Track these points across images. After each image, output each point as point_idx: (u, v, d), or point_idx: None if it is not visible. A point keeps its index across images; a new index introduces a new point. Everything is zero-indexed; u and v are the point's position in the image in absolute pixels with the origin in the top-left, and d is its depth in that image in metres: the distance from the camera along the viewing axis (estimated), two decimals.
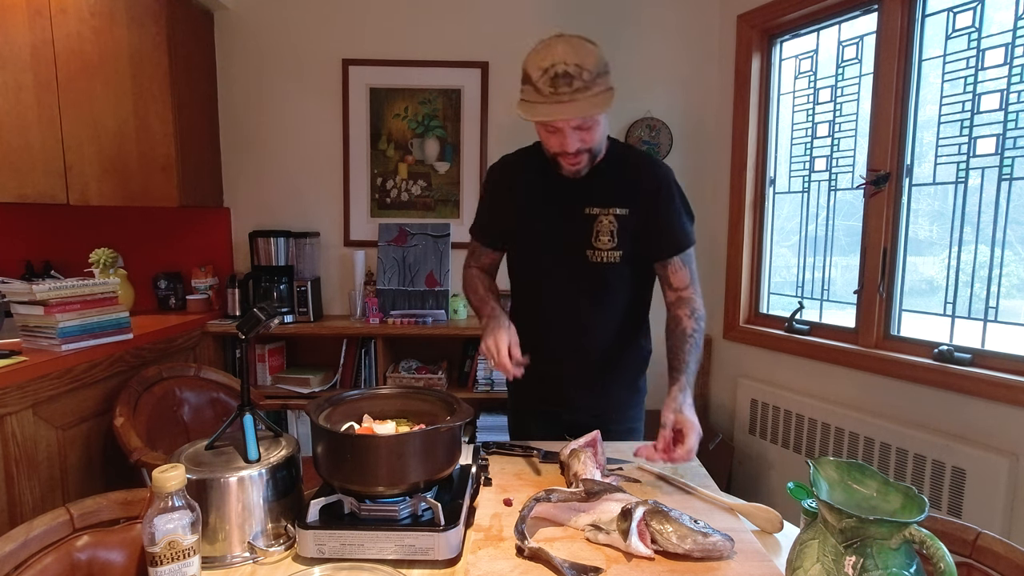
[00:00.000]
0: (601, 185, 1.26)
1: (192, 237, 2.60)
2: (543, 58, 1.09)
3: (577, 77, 1.08)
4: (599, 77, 1.11)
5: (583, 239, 1.26)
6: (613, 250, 1.26)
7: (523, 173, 1.33)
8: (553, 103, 1.09)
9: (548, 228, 1.28)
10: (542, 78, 1.09)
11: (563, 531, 0.91)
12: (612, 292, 1.31)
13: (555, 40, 1.11)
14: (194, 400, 1.89)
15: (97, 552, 0.82)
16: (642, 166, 1.30)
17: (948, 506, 1.73)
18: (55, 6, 2.08)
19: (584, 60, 1.09)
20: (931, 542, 0.59)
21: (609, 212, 1.25)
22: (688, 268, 1.30)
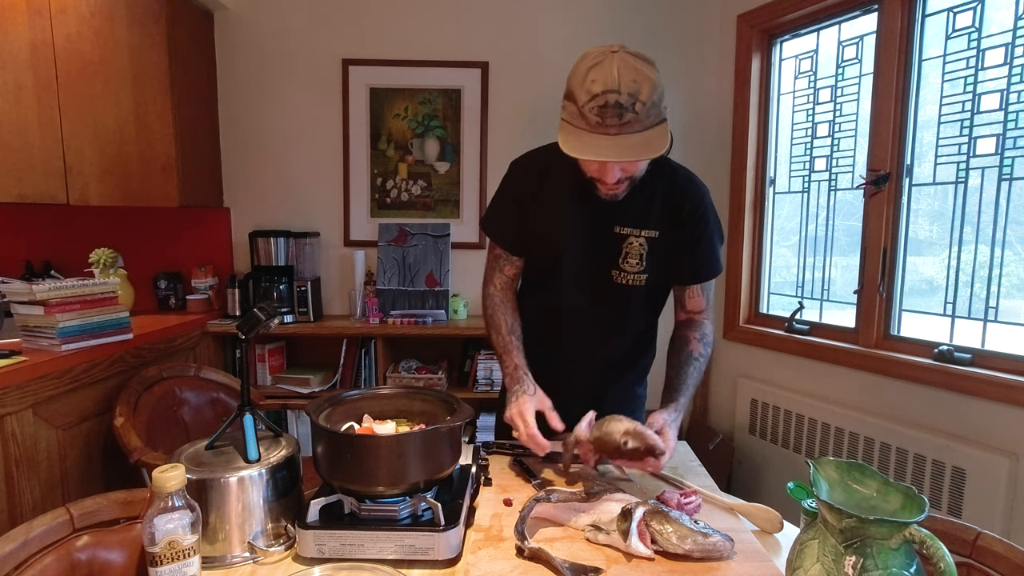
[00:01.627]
0: (636, 204, 1.16)
1: (192, 237, 2.60)
2: (594, 80, 0.95)
3: (629, 109, 0.95)
4: (653, 108, 0.97)
5: (610, 259, 1.19)
6: (640, 273, 1.19)
7: (552, 177, 1.21)
8: (599, 134, 0.97)
9: (574, 242, 1.20)
10: (589, 104, 0.95)
11: (563, 531, 0.91)
12: (631, 314, 1.25)
13: (610, 57, 0.96)
14: (194, 400, 1.89)
15: (97, 552, 0.82)
16: (680, 187, 1.20)
17: (948, 506, 1.73)
18: (55, 6, 2.08)
19: (639, 89, 0.95)
20: (931, 542, 0.59)
21: (641, 234, 1.17)
22: (706, 296, 1.25)
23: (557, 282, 1.24)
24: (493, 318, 1.26)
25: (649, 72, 0.98)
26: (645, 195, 1.16)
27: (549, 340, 1.28)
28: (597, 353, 1.30)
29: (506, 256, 1.29)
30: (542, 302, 1.29)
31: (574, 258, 1.21)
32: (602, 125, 0.96)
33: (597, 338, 1.28)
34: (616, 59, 0.96)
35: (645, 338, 1.36)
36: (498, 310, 1.26)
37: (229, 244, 2.63)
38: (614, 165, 1.04)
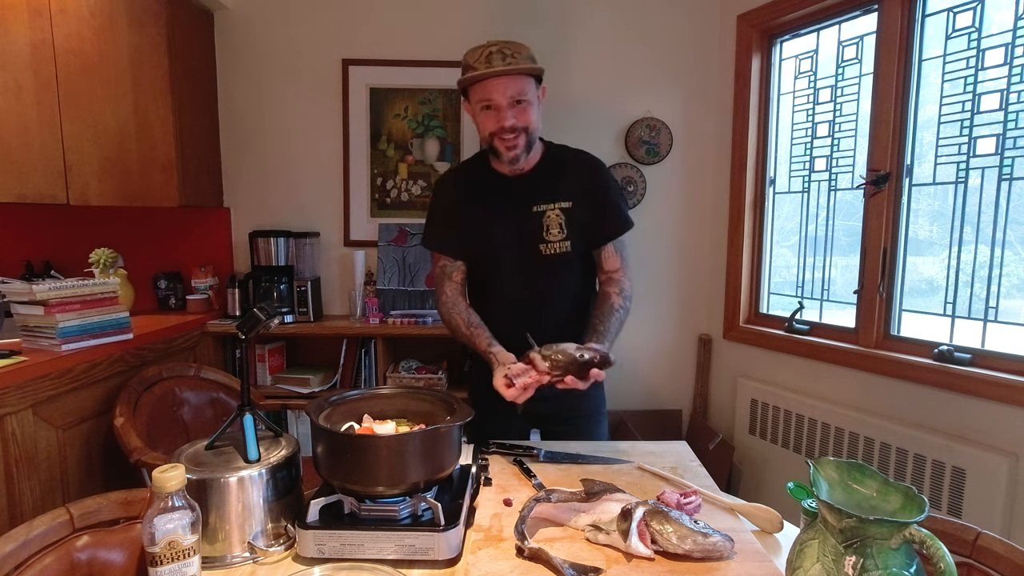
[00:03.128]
0: (543, 183, 1.37)
1: (192, 237, 2.60)
2: (480, 48, 1.26)
3: (508, 55, 1.23)
4: (527, 58, 1.25)
5: (535, 234, 1.36)
6: (563, 241, 1.36)
7: (471, 181, 1.43)
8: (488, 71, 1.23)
9: (504, 228, 1.37)
10: (480, 58, 1.24)
11: (563, 531, 0.91)
12: (565, 281, 1.40)
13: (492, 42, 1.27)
14: (194, 400, 1.89)
15: (97, 552, 0.82)
16: (578, 162, 1.41)
17: (948, 506, 1.73)
18: (55, 6, 2.08)
19: (516, 48, 1.25)
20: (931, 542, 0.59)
21: (555, 206, 1.36)
22: (620, 255, 1.40)
23: (496, 268, 1.40)
24: (451, 321, 1.41)
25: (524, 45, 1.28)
26: (550, 175, 1.38)
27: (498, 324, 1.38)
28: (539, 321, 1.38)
29: (451, 263, 1.44)
30: (486, 291, 1.45)
31: (506, 242, 1.37)
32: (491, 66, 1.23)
33: (539, 308, 1.40)
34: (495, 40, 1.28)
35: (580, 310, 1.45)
36: (452, 311, 1.41)
37: (229, 244, 2.63)
38: (508, 109, 1.25)
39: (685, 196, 2.67)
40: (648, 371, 2.74)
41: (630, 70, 2.59)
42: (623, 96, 2.60)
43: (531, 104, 1.28)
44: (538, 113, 1.32)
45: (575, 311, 1.44)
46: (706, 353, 2.69)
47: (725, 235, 2.57)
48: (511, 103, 1.25)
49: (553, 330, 1.37)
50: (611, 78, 2.59)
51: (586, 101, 2.60)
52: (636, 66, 2.59)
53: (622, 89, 2.60)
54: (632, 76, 2.59)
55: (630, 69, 2.59)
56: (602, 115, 2.60)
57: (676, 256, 2.70)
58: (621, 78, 2.59)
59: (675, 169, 2.64)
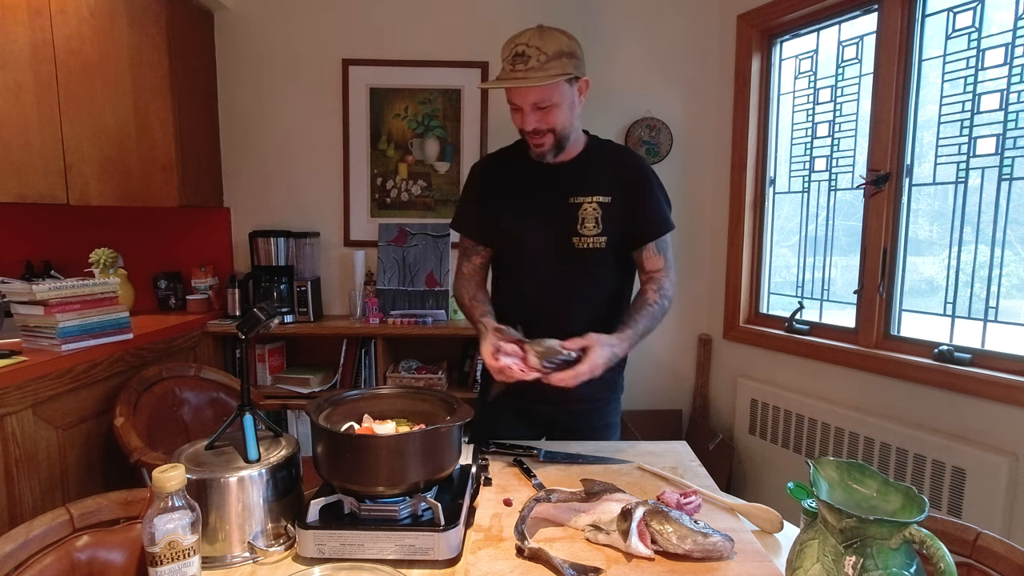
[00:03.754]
0: (583, 175, 1.32)
1: (192, 237, 2.60)
2: (512, 40, 1.21)
3: (533, 57, 1.17)
4: (555, 60, 1.18)
5: (569, 227, 1.31)
6: (598, 236, 1.31)
7: (509, 168, 1.39)
8: (507, 78, 1.20)
9: (535, 218, 1.33)
10: (507, 57, 1.20)
11: (563, 531, 0.91)
12: (597, 277, 1.35)
13: (531, 28, 1.22)
14: (194, 400, 1.89)
15: (97, 552, 0.82)
16: (621, 157, 1.37)
17: (948, 506, 1.73)
18: (55, 6, 2.08)
19: (545, 45, 1.18)
20: (931, 542, 0.59)
21: (592, 199, 1.31)
22: (663, 255, 1.35)
23: (525, 258, 1.36)
24: (459, 296, 1.41)
25: (560, 37, 1.22)
26: (591, 167, 1.33)
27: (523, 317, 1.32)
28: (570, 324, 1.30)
29: (472, 247, 1.42)
30: (514, 282, 1.41)
31: (538, 231, 1.33)
32: (512, 71, 1.19)
33: (568, 306, 1.35)
34: (536, 28, 1.23)
35: (616, 309, 1.39)
36: (462, 288, 1.40)
37: (229, 244, 2.63)
38: (530, 113, 1.22)
39: (685, 196, 2.67)
40: (648, 371, 2.74)
41: (630, 70, 2.59)
42: (623, 96, 2.60)
43: (557, 106, 1.22)
44: (571, 111, 1.26)
45: (608, 312, 1.36)
46: (706, 353, 2.69)
47: (725, 235, 2.57)
48: (533, 108, 1.22)
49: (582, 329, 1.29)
50: (611, 78, 2.59)
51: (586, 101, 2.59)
52: (636, 66, 2.59)
53: (622, 89, 2.59)
54: (632, 76, 2.59)
55: (630, 69, 2.59)
56: (602, 115, 2.60)
57: (676, 256, 2.69)
58: (621, 78, 2.59)
59: (675, 169, 2.64)
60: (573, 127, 1.30)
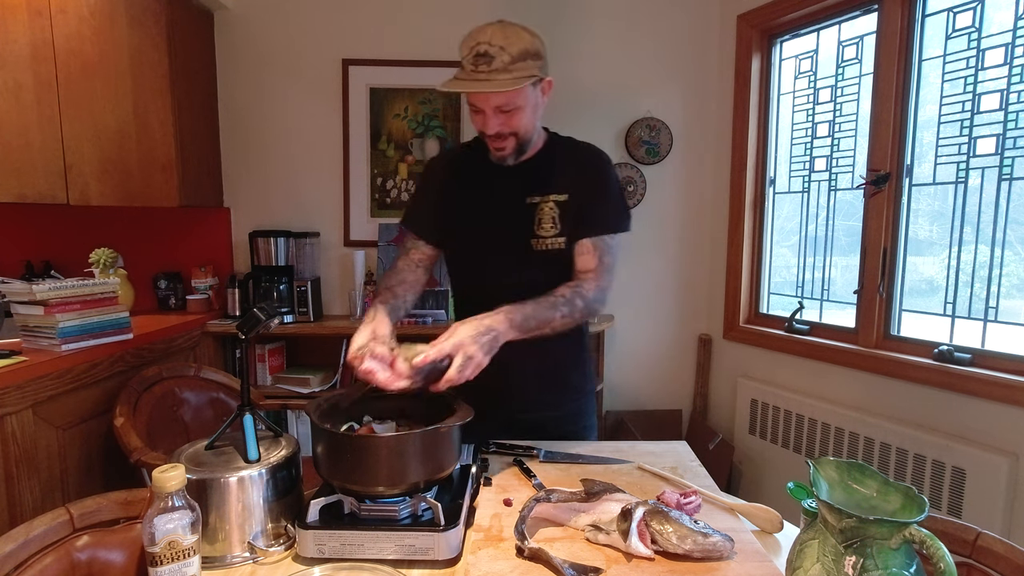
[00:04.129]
0: (540, 174, 1.27)
1: (192, 237, 2.60)
2: (473, 37, 1.13)
3: (497, 57, 1.10)
4: (520, 61, 1.11)
5: (527, 228, 1.26)
6: (557, 236, 1.25)
7: (466, 166, 1.34)
8: (470, 80, 1.12)
9: (492, 219, 1.28)
10: (468, 56, 1.12)
11: (563, 531, 0.90)
12: (556, 280, 1.24)
13: (491, 23, 1.14)
14: (194, 400, 1.89)
15: (97, 552, 0.82)
16: (579, 153, 1.30)
17: (948, 506, 1.73)
18: (55, 6, 2.08)
19: (509, 43, 1.10)
20: (931, 542, 0.59)
21: (549, 199, 1.25)
22: (597, 255, 1.23)
23: (482, 261, 1.31)
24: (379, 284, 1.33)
25: (523, 34, 1.13)
26: (548, 165, 1.27)
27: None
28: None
29: (414, 241, 1.35)
30: (473, 286, 1.35)
31: (496, 232, 1.28)
32: (475, 71, 1.11)
33: None
34: (497, 24, 1.14)
35: None
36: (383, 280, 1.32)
37: (229, 244, 2.63)
38: (492, 116, 1.16)
39: (685, 196, 2.67)
40: (648, 371, 2.74)
41: (630, 70, 2.59)
42: (623, 96, 2.60)
43: (521, 109, 1.16)
44: (534, 114, 1.21)
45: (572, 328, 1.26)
46: (706, 353, 2.69)
47: (725, 235, 2.57)
48: (496, 111, 1.16)
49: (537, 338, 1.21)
50: (611, 78, 2.59)
51: (586, 101, 2.60)
52: (636, 66, 2.59)
53: (622, 89, 2.60)
54: (632, 76, 2.59)
55: (630, 69, 2.59)
56: (602, 115, 2.60)
57: (676, 256, 2.70)
58: (621, 78, 2.59)
59: (675, 169, 2.64)
60: (535, 129, 1.25)
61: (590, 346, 1.43)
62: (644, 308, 2.71)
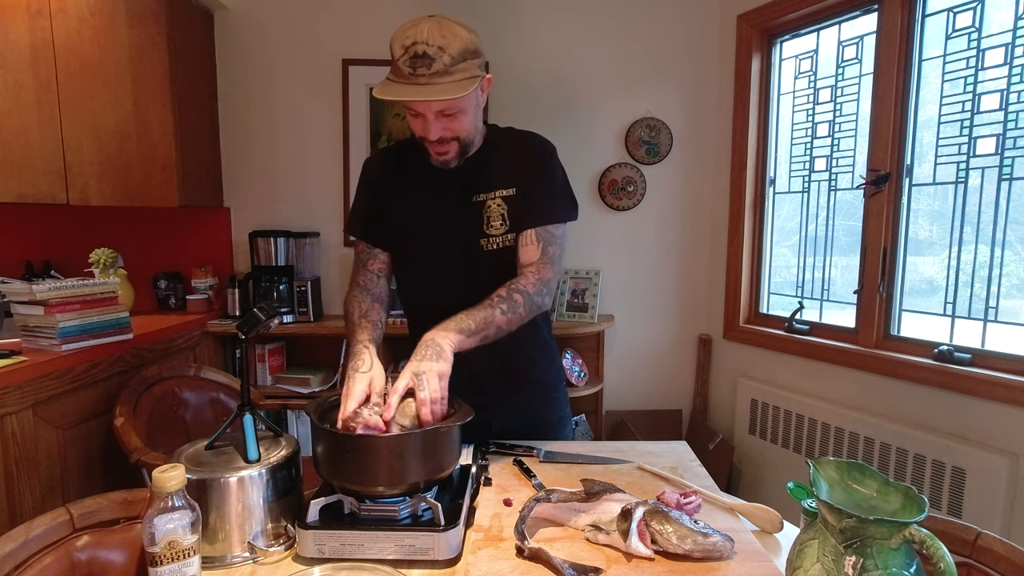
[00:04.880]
0: (484, 170, 1.21)
1: (192, 237, 2.60)
2: (407, 36, 1.04)
3: (437, 59, 1.02)
4: (463, 62, 1.05)
5: (474, 228, 1.20)
6: (506, 234, 1.19)
7: (403, 165, 1.26)
8: (410, 84, 1.04)
9: (438, 220, 1.22)
10: (403, 57, 1.04)
11: (563, 531, 0.90)
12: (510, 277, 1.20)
13: (424, 19, 1.05)
14: (194, 400, 1.89)
15: (97, 552, 0.82)
16: (522, 145, 1.24)
17: (948, 506, 1.73)
18: (55, 6, 2.08)
19: (448, 43, 1.03)
20: (931, 542, 0.59)
21: (495, 195, 1.19)
22: (540, 246, 1.18)
23: (430, 266, 1.24)
24: (347, 312, 1.22)
25: (460, 31, 1.06)
26: (492, 160, 1.21)
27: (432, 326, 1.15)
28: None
29: (368, 250, 1.27)
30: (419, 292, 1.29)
31: (441, 235, 1.21)
32: (414, 75, 1.04)
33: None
34: (430, 20, 1.05)
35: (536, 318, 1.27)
36: (352, 302, 1.23)
37: (229, 244, 2.63)
38: (434, 121, 1.09)
39: (685, 196, 2.67)
40: (648, 371, 2.74)
41: (630, 70, 2.59)
42: (623, 96, 2.60)
43: (464, 112, 1.10)
44: (476, 115, 1.15)
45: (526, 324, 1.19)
46: (706, 353, 2.69)
47: (725, 235, 2.57)
48: (438, 116, 1.09)
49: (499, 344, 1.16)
50: (611, 78, 2.59)
51: (586, 101, 2.60)
52: (636, 66, 2.59)
53: (622, 89, 2.60)
54: (632, 76, 2.59)
55: (630, 69, 2.59)
56: (602, 115, 2.60)
57: (676, 256, 2.70)
58: (621, 78, 2.59)
59: (675, 169, 2.64)
60: (478, 129, 1.19)
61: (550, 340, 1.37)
62: (644, 308, 2.71)
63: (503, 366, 1.29)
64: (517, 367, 1.31)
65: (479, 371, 1.24)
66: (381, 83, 1.09)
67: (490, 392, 1.27)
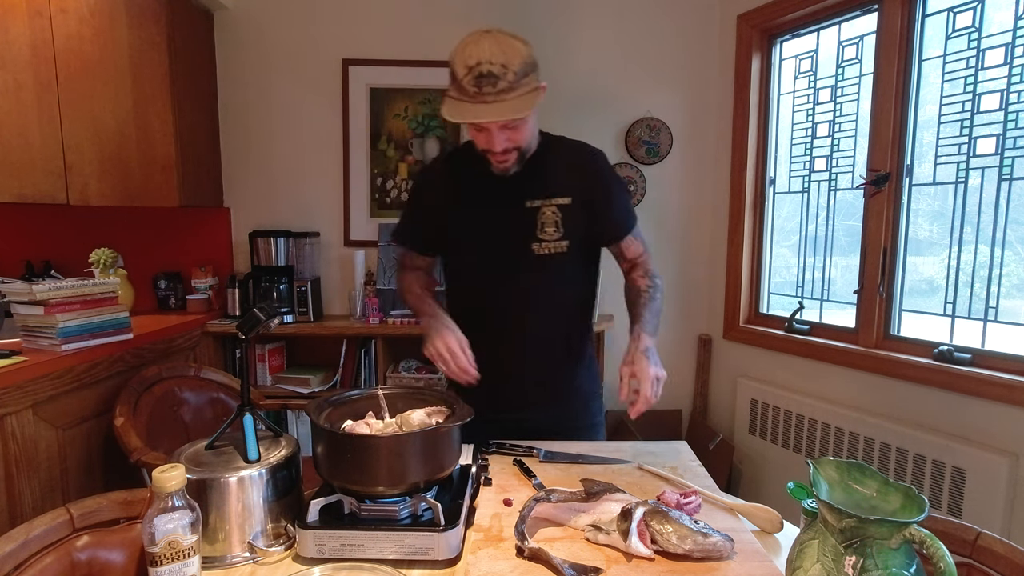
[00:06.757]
0: (539, 177, 1.25)
1: (192, 237, 2.60)
2: (469, 55, 1.07)
3: (502, 77, 1.06)
4: (525, 77, 1.09)
5: (528, 233, 1.25)
6: (559, 240, 1.25)
7: (458, 175, 1.31)
8: (478, 103, 1.08)
9: (491, 226, 1.26)
10: (467, 77, 1.07)
11: (563, 531, 0.90)
12: (559, 284, 1.29)
13: (482, 36, 1.09)
14: (194, 400, 1.89)
15: (97, 552, 0.82)
16: (577, 154, 1.30)
17: (948, 506, 1.73)
18: (55, 6, 2.08)
19: (510, 59, 1.07)
20: (931, 542, 0.59)
21: (551, 203, 1.25)
22: (640, 239, 1.35)
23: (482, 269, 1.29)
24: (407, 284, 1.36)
25: (519, 46, 1.10)
26: (546, 167, 1.26)
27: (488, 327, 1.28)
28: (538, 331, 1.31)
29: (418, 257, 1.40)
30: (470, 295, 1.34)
31: (495, 239, 1.26)
32: (480, 94, 1.08)
33: (529, 316, 1.30)
34: (487, 37, 1.09)
35: (579, 317, 1.37)
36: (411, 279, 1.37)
37: (229, 244, 2.63)
38: (499, 134, 1.13)
39: (685, 196, 2.67)
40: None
41: (630, 70, 2.59)
42: (623, 96, 2.60)
43: (525, 122, 1.15)
44: (535, 121, 1.21)
45: (571, 319, 1.33)
46: (706, 353, 2.69)
47: (725, 235, 2.57)
48: (502, 128, 1.13)
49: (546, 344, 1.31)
50: (611, 78, 2.59)
51: (586, 101, 2.60)
52: (636, 66, 2.59)
53: (622, 89, 2.60)
54: (632, 76, 2.59)
55: (630, 69, 2.59)
56: (602, 115, 2.60)
57: (676, 256, 2.70)
58: (621, 78, 2.59)
59: (675, 169, 2.64)
60: (534, 138, 1.24)
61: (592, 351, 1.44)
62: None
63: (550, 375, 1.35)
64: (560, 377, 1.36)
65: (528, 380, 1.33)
66: (446, 103, 1.13)
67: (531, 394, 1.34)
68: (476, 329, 1.22)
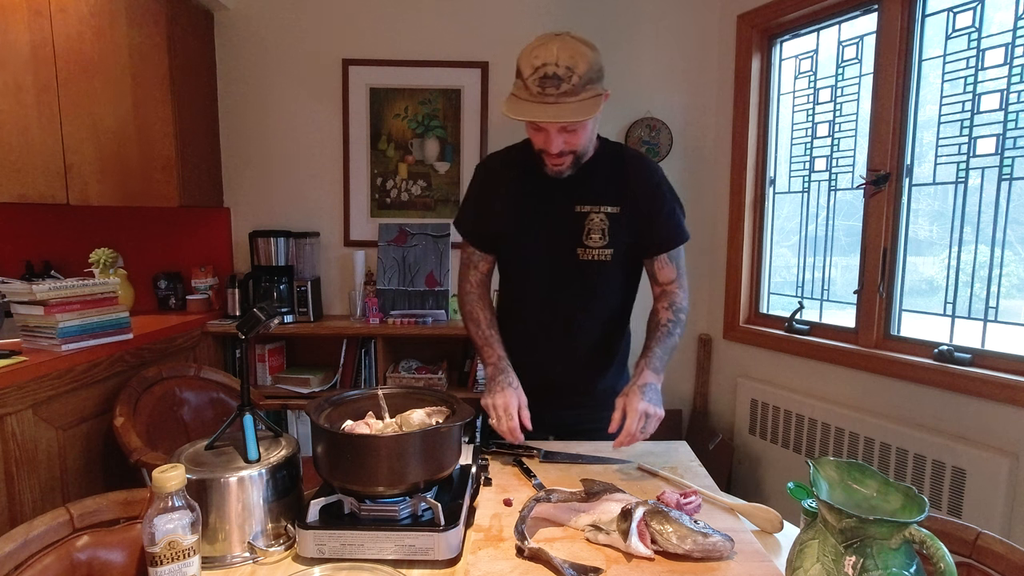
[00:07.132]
0: (592, 183, 1.26)
1: (192, 237, 2.60)
2: (537, 56, 1.08)
3: (566, 80, 1.07)
4: (589, 83, 1.10)
5: (574, 237, 1.26)
6: (604, 248, 1.26)
7: (513, 171, 1.32)
8: (538, 103, 1.09)
9: (539, 225, 1.27)
10: (532, 76, 1.08)
11: (563, 531, 0.91)
12: (601, 290, 1.31)
13: (553, 39, 1.09)
14: (194, 400, 1.89)
15: (97, 552, 0.82)
16: (633, 164, 1.30)
17: (948, 506, 1.73)
18: (55, 6, 2.08)
19: (576, 64, 1.08)
20: (931, 542, 0.59)
21: (600, 210, 1.25)
22: (675, 264, 1.32)
23: (527, 267, 1.31)
24: (472, 313, 1.34)
25: (587, 52, 1.10)
26: (600, 174, 1.26)
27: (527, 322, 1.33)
28: (574, 334, 1.33)
29: (479, 253, 1.36)
30: (514, 289, 1.37)
31: (542, 239, 1.28)
32: (542, 94, 1.08)
33: (570, 318, 1.32)
34: (558, 40, 1.09)
35: (621, 316, 1.39)
36: (476, 306, 1.34)
37: (229, 244, 2.63)
38: (556, 135, 1.14)
39: (685, 196, 2.64)
40: None
41: (630, 70, 2.59)
42: (623, 96, 2.60)
43: (584, 127, 1.16)
44: (594, 127, 1.22)
45: (610, 325, 1.35)
46: (706, 353, 2.69)
47: (725, 235, 2.57)
48: (560, 131, 1.14)
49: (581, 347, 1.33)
50: (611, 78, 2.58)
51: None
52: (636, 66, 2.59)
53: (622, 89, 2.59)
54: (632, 76, 2.59)
55: (630, 69, 2.59)
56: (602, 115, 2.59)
57: None
58: (621, 78, 2.59)
59: (675, 169, 2.64)
60: (591, 143, 1.25)
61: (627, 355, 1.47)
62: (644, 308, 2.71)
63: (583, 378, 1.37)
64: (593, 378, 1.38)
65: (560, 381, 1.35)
66: (507, 100, 1.13)
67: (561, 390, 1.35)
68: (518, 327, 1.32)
